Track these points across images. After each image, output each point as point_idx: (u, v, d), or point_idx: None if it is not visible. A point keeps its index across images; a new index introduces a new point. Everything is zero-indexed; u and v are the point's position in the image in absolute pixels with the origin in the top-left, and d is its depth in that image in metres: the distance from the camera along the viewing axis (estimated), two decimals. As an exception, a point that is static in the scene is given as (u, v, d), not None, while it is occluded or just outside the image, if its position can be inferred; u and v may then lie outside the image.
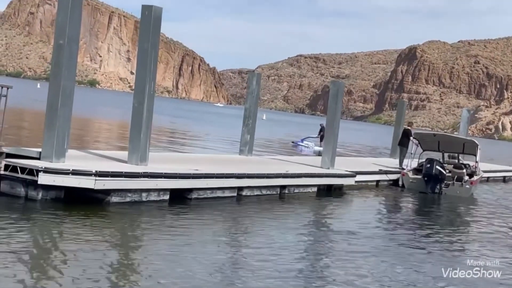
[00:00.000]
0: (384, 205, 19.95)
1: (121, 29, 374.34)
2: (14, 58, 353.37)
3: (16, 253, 8.71)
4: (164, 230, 11.59)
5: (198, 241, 10.93)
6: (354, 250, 11.55)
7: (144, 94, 14.38)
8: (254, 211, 15.00)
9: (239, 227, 13.12)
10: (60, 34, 12.95)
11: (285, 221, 14.02)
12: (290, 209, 16.23)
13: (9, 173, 12.33)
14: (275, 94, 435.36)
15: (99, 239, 10.20)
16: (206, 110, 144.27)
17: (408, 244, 12.79)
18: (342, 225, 14.36)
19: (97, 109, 67.60)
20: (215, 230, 12.25)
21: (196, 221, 12.85)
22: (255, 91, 21.94)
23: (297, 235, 12.53)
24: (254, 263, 9.73)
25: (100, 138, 31.99)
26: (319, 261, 10.65)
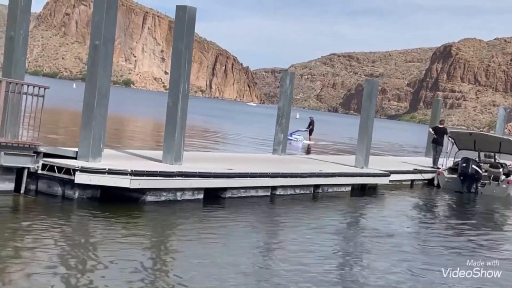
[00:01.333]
0: (419, 204, 19.79)
1: (155, 29, 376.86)
2: (50, 59, 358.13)
3: (53, 252, 8.86)
4: (198, 229, 11.65)
5: (232, 241, 10.97)
6: (388, 250, 11.49)
7: (179, 94, 14.48)
8: (288, 211, 15.01)
9: (272, 226, 13.14)
10: (96, 34, 13.10)
11: (319, 221, 14.01)
12: (324, 208, 16.20)
13: (46, 172, 12.52)
14: (308, 93, 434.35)
15: (134, 238, 10.31)
16: (239, 110, 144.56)
17: (443, 244, 12.68)
18: (376, 225, 14.28)
19: (132, 109, 68.17)
20: (249, 230, 12.28)
21: (230, 221, 12.90)
22: (288, 90, 21.92)
23: (331, 235, 12.50)
24: (288, 263, 9.73)
25: (135, 138, 32.27)
26: (352, 261, 10.61)
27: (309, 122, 42.40)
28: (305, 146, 38.85)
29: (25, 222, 10.53)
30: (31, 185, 12.69)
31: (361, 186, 19.47)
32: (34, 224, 10.39)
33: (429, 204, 20.26)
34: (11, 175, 12.28)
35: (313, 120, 43.01)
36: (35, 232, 9.90)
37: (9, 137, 12.39)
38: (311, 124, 41.92)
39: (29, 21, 13.60)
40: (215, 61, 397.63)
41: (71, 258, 8.73)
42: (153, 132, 38.84)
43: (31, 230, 9.99)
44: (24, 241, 9.26)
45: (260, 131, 50.41)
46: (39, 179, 12.72)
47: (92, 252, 9.15)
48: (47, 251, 8.78)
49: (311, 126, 41.86)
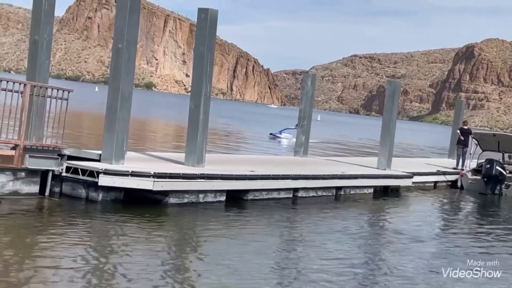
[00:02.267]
0: (442, 206, 19.66)
1: (176, 32, 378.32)
2: (73, 62, 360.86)
3: (77, 253, 8.92)
4: (220, 232, 11.68)
5: (254, 243, 10.98)
6: (409, 252, 11.43)
7: (201, 97, 14.53)
8: (310, 213, 14.99)
9: (294, 228, 13.14)
10: (118, 38, 13.19)
11: (341, 223, 13.97)
12: (346, 210, 16.16)
13: (70, 174, 12.63)
14: (329, 95, 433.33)
15: (158, 239, 10.36)
16: (260, 112, 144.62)
17: (467, 246, 12.59)
18: (399, 227, 14.22)
19: (154, 112, 68.48)
20: (271, 232, 12.29)
21: (252, 223, 12.92)
22: (309, 92, 21.89)
23: (353, 236, 12.47)
24: (310, 265, 9.73)
25: (157, 140, 32.42)
26: (375, 264, 10.57)
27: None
28: (294, 144, 38.60)
29: (49, 224, 10.65)
30: (56, 188, 12.80)
31: (383, 187, 19.38)
32: (58, 226, 10.50)
33: (452, 206, 20.12)
34: (36, 178, 12.41)
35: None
36: (60, 234, 9.99)
37: (34, 140, 12.52)
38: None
39: (52, 25, 13.72)
40: (236, 64, 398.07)
41: (95, 260, 8.79)
42: (175, 134, 38.98)
43: (56, 232, 10.08)
44: (48, 243, 9.35)
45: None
46: (63, 182, 12.83)
47: (116, 253, 9.21)
48: (72, 253, 8.85)
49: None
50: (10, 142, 12.07)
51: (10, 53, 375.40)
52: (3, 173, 11.88)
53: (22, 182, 12.22)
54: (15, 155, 11.94)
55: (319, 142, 39.63)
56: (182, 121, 42.63)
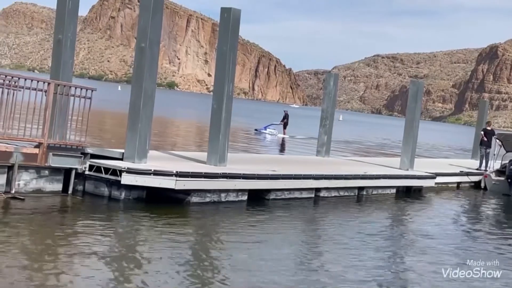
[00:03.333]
0: (465, 208, 19.50)
1: (198, 32, 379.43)
2: (96, 62, 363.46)
3: (100, 251, 8.97)
4: (242, 231, 11.68)
5: (275, 242, 10.97)
6: (431, 252, 11.35)
7: (223, 96, 14.54)
8: (332, 213, 14.95)
9: (316, 228, 13.10)
10: (142, 37, 13.24)
11: (363, 223, 13.91)
12: (368, 211, 16.08)
13: (93, 173, 12.70)
14: (351, 95, 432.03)
15: (179, 238, 10.38)
16: (281, 111, 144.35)
17: (492, 248, 12.46)
18: (421, 228, 14.13)
19: (176, 111, 68.69)
20: (293, 232, 12.27)
21: (274, 222, 12.91)
22: (332, 92, 21.83)
23: (375, 237, 12.40)
24: (331, 265, 9.69)
25: (179, 139, 32.51)
26: (397, 265, 10.51)
27: (284, 116, 41.96)
28: (279, 140, 38.62)
29: (72, 222, 10.72)
30: (79, 186, 12.89)
31: (406, 188, 19.27)
32: (81, 224, 10.56)
33: (476, 207, 19.94)
34: (59, 176, 12.50)
35: (288, 114, 42.66)
36: (82, 232, 10.05)
37: (57, 138, 12.61)
38: (285, 118, 41.52)
39: (76, 24, 13.81)
40: (258, 63, 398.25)
41: (117, 258, 8.83)
42: (197, 134, 39.07)
43: (79, 230, 10.15)
44: (71, 241, 9.41)
45: (302, 133, 50.28)
46: (86, 180, 12.91)
47: (138, 252, 9.24)
48: (94, 251, 8.90)
49: (286, 120, 41.46)
50: (34, 140, 12.17)
51: (34, 52, 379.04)
52: (27, 170, 11.98)
53: (46, 180, 12.31)
54: (39, 153, 12.04)
55: (305, 138, 39.64)
56: (203, 121, 42.73)
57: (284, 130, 40.68)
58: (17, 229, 9.71)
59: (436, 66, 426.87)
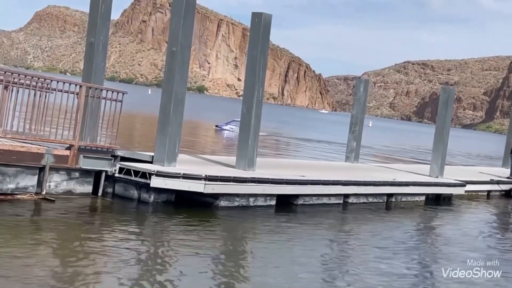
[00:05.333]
0: (495, 216, 19.25)
1: (229, 37, 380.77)
2: (127, 65, 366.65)
3: (128, 254, 9.03)
4: (270, 236, 11.67)
5: (303, 247, 10.94)
6: (460, 264, 11.22)
7: (253, 101, 14.56)
8: (360, 219, 14.86)
9: (345, 235, 13.03)
10: (173, 41, 13.32)
11: (392, 231, 13.82)
12: (397, 218, 15.96)
13: (123, 175, 12.79)
14: (381, 101, 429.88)
15: (208, 242, 10.41)
16: (310, 117, 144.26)
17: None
18: (450, 237, 13.99)
19: (206, 115, 68.95)
20: (321, 237, 12.22)
21: (302, 227, 12.86)
22: (362, 98, 21.74)
23: (403, 245, 12.30)
24: (360, 272, 9.63)
25: (208, 143, 32.61)
26: (423, 274, 10.42)
27: None
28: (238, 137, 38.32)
29: (102, 224, 10.81)
30: (108, 188, 12.99)
31: (435, 195, 19.10)
32: (110, 226, 10.64)
33: (506, 216, 19.69)
34: (90, 178, 12.61)
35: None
36: (111, 234, 10.13)
37: (88, 141, 12.72)
38: None
39: (108, 28, 13.93)
40: (288, 68, 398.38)
41: (145, 260, 8.88)
42: (226, 138, 39.15)
43: (108, 232, 10.22)
44: (99, 243, 9.47)
45: (331, 138, 50.18)
46: (116, 182, 13.00)
47: (167, 255, 9.28)
48: (122, 253, 8.96)
49: None
50: (65, 142, 12.29)
51: (66, 55, 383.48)
52: (58, 172, 12.11)
53: (76, 182, 12.43)
54: (69, 155, 12.16)
55: (267, 135, 39.47)
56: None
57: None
58: (47, 230, 9.82)
59: (467, 73, 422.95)
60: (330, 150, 38.16)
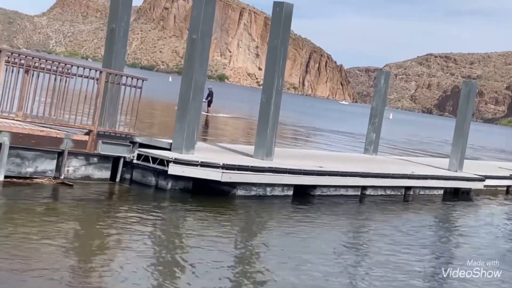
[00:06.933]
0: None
1: (251, 25, 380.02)
2: (148, 52, 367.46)
3: (144, 240, 9.08)
4: (286, 226, 11.67)
5: (319, 239, 10.93)
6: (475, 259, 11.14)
7: (272, 90, 14.53)
8: (377, 211, 14.82)
9: (360, 227, 13.00)
10: (194, 28, 13.31)
11: (408, 224, 13.74)
12: (415, 211, 15.88)
13: (141, 162, 12.84)
14: (402, 94, 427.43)
15: (224, 230, 10.43)
16: (330, 108, 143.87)
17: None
18: (467, 231, 13.90)
19: (226, 103, 68.98)
20: (337, 229, 12.20)
21: (319, 218, 12.84)
22: (382, 90, 21.62)
23: (420, 239, 12.24)
24: (374, 266, 9.60)
25: (227, 132, 32.64)
26: (440, 268, 10.36)
27: (208, 94, 41.50)
28: (203, 117, 38.19)
29: (119, 210, 10.85)
30: (126, 174, 13.04)
31: (454, 189, 18.97)
32: (127, 212, 10.69)
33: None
34: (108, 164, 12.67)
35: (212, 91, 42.09)
36: (128, 220, 10.17)
37: (107, 126, 12.78)
38: (209, 95, 41.10)
39: (130, 14, 13.94)
40: (309, 59, 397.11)
41: (161, 248, 8.91)
42: (245, 127, 39.16)
43: (125, 218, 10.27)
44: (116, 229, 9.53)
45: (351, 130, 50.00)
46: (134, 169, 13.05)
47: (182, 242, 9.31)
48: (139, 240, 9.00)
49: (210, 98, 41.00)
50: (85, 127, 12.35)
51: (88, 40, 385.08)
52: (76, 157, 12.17)
53: (94, 167, 12.50)
54: (88, 140, 12.21)
55: (231, 118, 39.31)
56: (252, 114, 42.83)
57: (207, 108, 40.43)
58: (65, 214, 9.88)
59: (490, 67, 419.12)
60: (349, 141, 38.03)
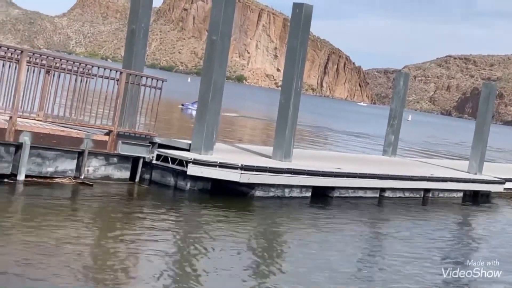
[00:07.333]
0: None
1: (269, 27, 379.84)
2: (167, 53, 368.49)
3: (163, 240, 9.12)
4: (304, 227, 11.68)
5: (337, 241, 10.92)
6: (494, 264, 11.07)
7: (291, 91, 14.54)
8: (396, 214, 14.76)
9: (379, 229, 12.97)
10: (213, 29, 13.35)
11: (427, 227, 13.66)
12: (433, 214, 15.81)
13: (160, 162, 12.90)
14: (421, 95, 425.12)
15: (242, 231, 10.44)
16: (349, 109, 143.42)
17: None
18: (485, 235, 13.82)
19: (244, 104, 69.05)
20: (355, 231, 12.16)
21: (338, 220, 12.84)
22: (401, 91, 21.54)
23: (438, 242, 12.19)
24: (393, 269, 9.56)
25: (245, 133, 32.67)
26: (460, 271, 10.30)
27: None
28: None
29: (138, 210, 10.92)
30: (145, 174, 13.10)
31: (473, 192, 18.86)
32: (146, 213, 10.75)
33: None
34: (127, 164, 12.74)
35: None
36: (147, 220, 10.23)
37: (127, 127, 12.85)
38: None
39: (150, 15, 14.01)
40: (327, 60, 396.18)
41: (180, 249, 8.95)
42: (263, 128, 39.18)
43: (144, 218, 10.34)
44: (136, 229, 9.59)
45: (369, 131, 49.85)
46: (153, 169, 13.11)
47: (201, 243, 9.33)
48: (158, 240, 9.05)
49: None
50: (105, 128, 12.42)
51: (108, 41, 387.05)
52: (96, 157, 12.25)
53: (114, 167, 12.57)
54: (108, 140, 12.29)
55: (237, 117, 39.19)
56: (270, 115, 42.86)
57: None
58: (85, 214, 9.96)
59: (510, 69, 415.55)
60: (367, 143, 37.93)
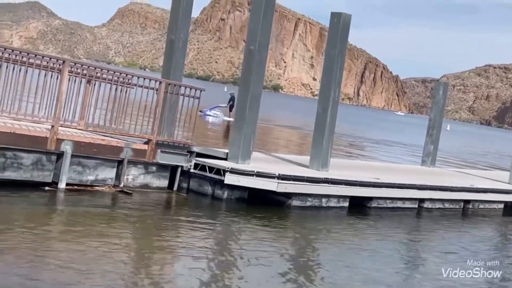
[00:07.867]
0: None
1: (306, 36, 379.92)
2: (204, 62, 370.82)
3: (200, 249, 9.15)
4: (342, 238, 11.60)
5: (375, 252, 10.81)
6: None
7: (329, 101, 14.50)
8: (435, 225, 14.58)
9: (418, 241, 12.82)
10: (251, 39, 13.40)
11: (468, 240, 13.46)
12: (474, 225, 15.56)
13: (198, 171, 12.96)
14: (459, 105, 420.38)
15: (279, 241, 10.43)
16: (386, 118, 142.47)
17: None
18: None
19: (281, 114, 69.07)
20: (393, 242, 12.03)
21: (376, 231, 12.74)
22: (441, 101, 21.33)
23: (480, 255, 11.99)
24: (430, 282, 9.44)
25: (281, 142, 32.66)
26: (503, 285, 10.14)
27: (230, 98, 40.79)
28: (225, 122, 37.77)
29: (176, 219, 10.98)
30: (183, 183, 13.18)
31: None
32: (184, 221, 10.80)
33: None
34: (166, 173, 12.83)
35: (234, 96, 41.42)
36: (185, 228, 10.28)
37: (166, 136, 12.96)
38: (231, 100, 40.33)
39: (189, 25, 14.14)
40: (364, 69, 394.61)
41: (216, 258, 8.95)
42: (300, 137, 39.12)
43: (182, 227, 10.39)
44: (174, 238, 9.64)
45: (407, 141, 49.44)
46: (191, 178, 13.18)
47: (238, 251, 9.34)
48: (195, 249, 9.08)
49: (232, 102, 40.22)
50: (144, 137, 12.55)
51: (146, 51, 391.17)
52: (136, 166, 12.37)
53: (153, 176, 12.67)
54: (147, 149, 12.41)
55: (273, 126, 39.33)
56: (306, 125, 42.75)
57: (230, 113, 40.01)
58: (124, 222, 10.05)
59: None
60: (405, 153, 37.60)
